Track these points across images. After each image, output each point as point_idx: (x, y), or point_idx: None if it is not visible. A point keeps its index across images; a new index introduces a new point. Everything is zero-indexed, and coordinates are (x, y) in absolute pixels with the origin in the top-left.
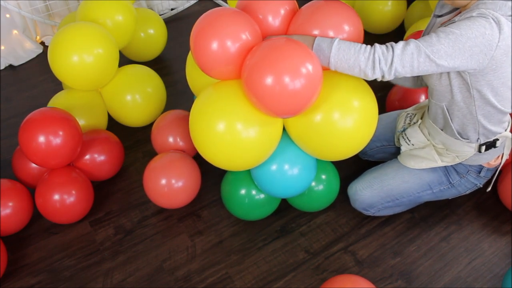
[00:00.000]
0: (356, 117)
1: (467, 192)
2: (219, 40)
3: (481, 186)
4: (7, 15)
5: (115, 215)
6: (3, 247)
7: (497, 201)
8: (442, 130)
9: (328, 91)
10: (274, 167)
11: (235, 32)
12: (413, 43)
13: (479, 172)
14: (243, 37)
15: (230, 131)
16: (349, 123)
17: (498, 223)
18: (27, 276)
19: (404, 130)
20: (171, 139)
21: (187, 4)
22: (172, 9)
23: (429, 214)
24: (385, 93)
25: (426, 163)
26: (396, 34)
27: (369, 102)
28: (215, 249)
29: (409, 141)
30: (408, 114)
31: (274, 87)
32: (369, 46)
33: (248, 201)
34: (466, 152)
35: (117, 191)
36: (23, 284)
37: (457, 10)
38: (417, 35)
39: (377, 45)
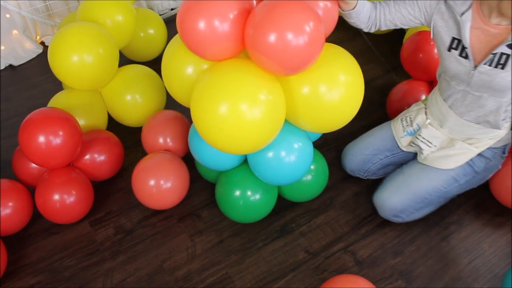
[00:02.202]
0: (343, 91)
1: (489, 177)
2: (206, 19)
3: (500, 167)
4: (7, 15)
5: (115, 215)
6: (3, 247)
7: (497, 201)
8: (477, 124)
9: (317, 65)
10: (271, 153)
11: (224, 8)
12: None
13: (503, 152)
14: (231, 16)
15: (234, 112)
16: (336, 96)
17: (498, 223)
18: (27, 276)
19: (414, 133)
20: (161, 140)
21: None
22: (172, 9)
23: (429, 214)
24: (386, 93)
25: (464, 157)
26: (395, 33)
27: (356, 76)
28: (215, 249)
29: (431, 143)
30: (401, 118)
31: (277, 43)
32: None
33: (243, 203)
34: (500, 133)
35: (117, 191)
36: (23, 284)
37: None
38: (419, 35)
39: None
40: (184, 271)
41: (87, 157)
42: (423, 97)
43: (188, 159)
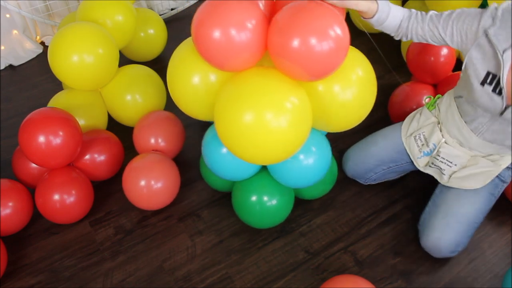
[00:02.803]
0: (355, 90)
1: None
2: (224, 30)
3: None
4: (7, 15)
5: (115, 215)
6: (3, 247)
7: (497, 201)
8: (501, 145)
9: None
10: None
11: (242, 17)
12: None
13: None
14: (249, 26)
15: (260, 122)
16: (349, 95)
17: (498, 222)
18: (27, 276)
19: (431, 153)
20: (152, 140)
21: (187, 4)
22: (172, 9)
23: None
24: (387, 93)
25: (489, 174)
26: None
27: (369, 73)
28: (215, 249)
29: (451, 162)
30: (415, 136)
31: (301, 48)
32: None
33: (259, 208)
34: None
35: (117, 191)
36: (23, 284)
37: None
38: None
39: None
40: (184, 271)
41: (87, 157)
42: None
43: (181, 161)
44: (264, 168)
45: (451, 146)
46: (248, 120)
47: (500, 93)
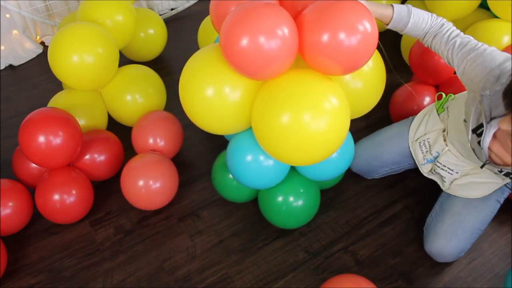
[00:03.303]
0: (365, 80)
1: None
2: (255, 37)
3: None
4: (7, 15)
5: (115, 215)
6: (3, 247)
7: None
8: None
9: None
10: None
11: (272, 22)
12: None
13: None
14: (280, 33)
15: (297, 123)
16: (360, 84)
17: (498, 223)
18: (27, 276)
19: (433, 160)
20: (151, 140)
21: (187, 4)
22: (172, 9)
23: (429, 214)
24: (387, 93)
25: (492, 186)
26: (393, 32)
27: (378, 68)
28: (215, 249)
29: (452, 170)
30: (420, 142)
31: (330, 42)
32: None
33: (286, 208)
34: None
35: (117, 191)
36: (23, 284)
37: None
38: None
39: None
40: (184, 271)
41: (87, 157)
42: (427, 99)
43: (181, 161)
44: (290, 169)
45: (453, 155)
46: (288, 122)
47: (482, 148)
